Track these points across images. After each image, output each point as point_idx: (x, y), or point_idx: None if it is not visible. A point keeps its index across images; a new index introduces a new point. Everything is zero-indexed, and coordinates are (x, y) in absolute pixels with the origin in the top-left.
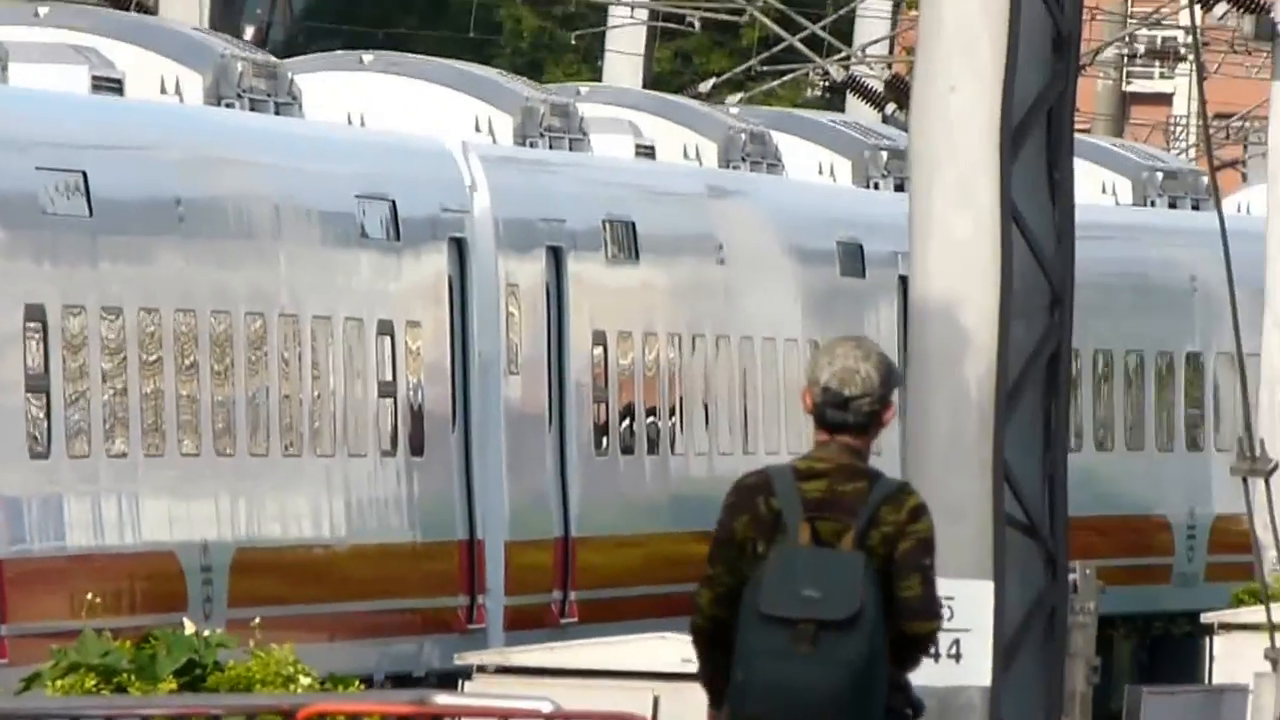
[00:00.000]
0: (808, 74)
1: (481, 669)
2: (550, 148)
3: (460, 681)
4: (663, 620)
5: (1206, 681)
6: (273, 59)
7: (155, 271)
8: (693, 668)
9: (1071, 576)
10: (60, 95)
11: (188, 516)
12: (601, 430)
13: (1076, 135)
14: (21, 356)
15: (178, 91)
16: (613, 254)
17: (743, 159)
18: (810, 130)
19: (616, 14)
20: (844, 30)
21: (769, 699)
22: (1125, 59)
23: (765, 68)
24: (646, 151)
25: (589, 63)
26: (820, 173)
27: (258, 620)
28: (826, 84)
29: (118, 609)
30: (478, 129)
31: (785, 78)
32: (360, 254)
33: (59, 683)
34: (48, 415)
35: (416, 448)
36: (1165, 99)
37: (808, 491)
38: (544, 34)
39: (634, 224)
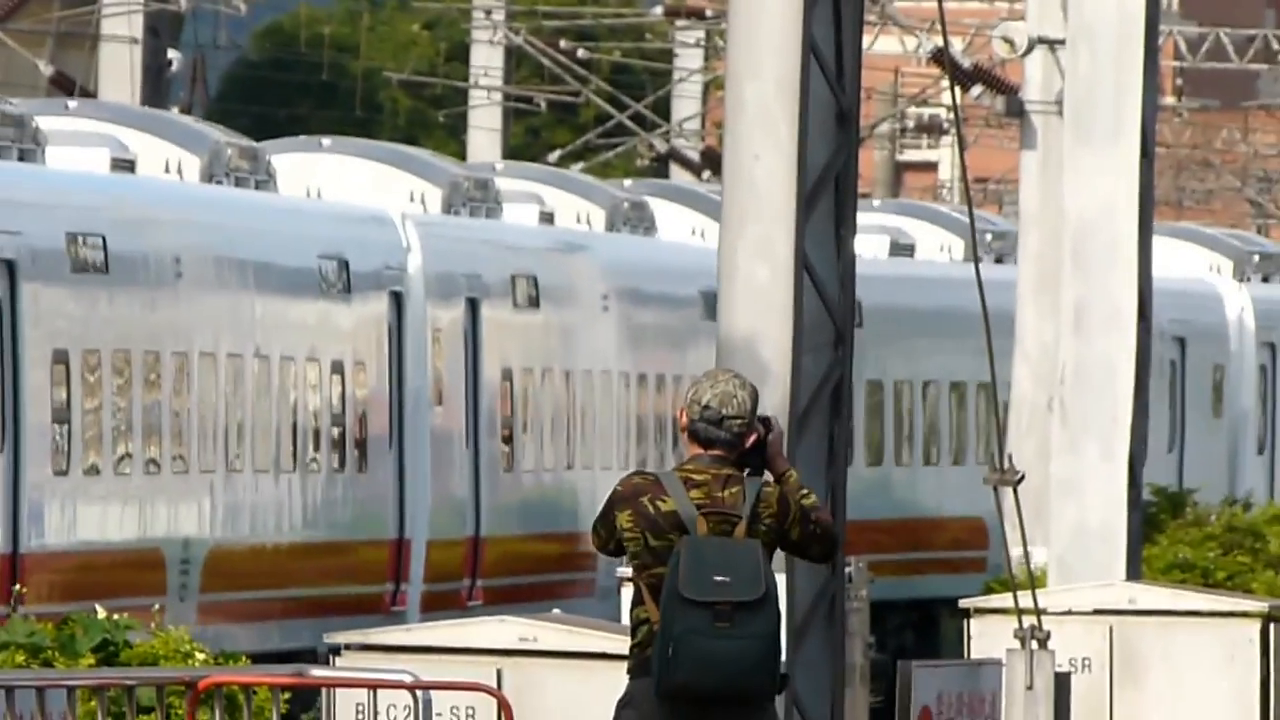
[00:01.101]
0: (635, 146)
1: (348, 646)
2: (471, 215)
3: (331, 657)
4: (555, 601)
5: (965, 657)
6: (254, 144)
7: (158, 318)
8: (531, 645)
9: (848, 570)
10: (85, 174)
11: (176, 517)
12: (507, 449)
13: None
14: (49, 391)
15: (179, 171)
16: (519, 303)
17: (624, 223)
18: (684, 197)
19: (476, 96)
20: (663, 109)
21: (697, 670)
22: (898, 132)
23: (601, 140)
24: (548, 217)
25: (455, 137)
26: (693, 233)
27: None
28: (653, 154)
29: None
30: (412, 199)
31: (618, 149)
32: (320, 304)
33: None
34: (67, 439)
35: (361, 464)
36: (933, 166)
37: (693, 498)
38: (417, 113)
39: (536, 277)
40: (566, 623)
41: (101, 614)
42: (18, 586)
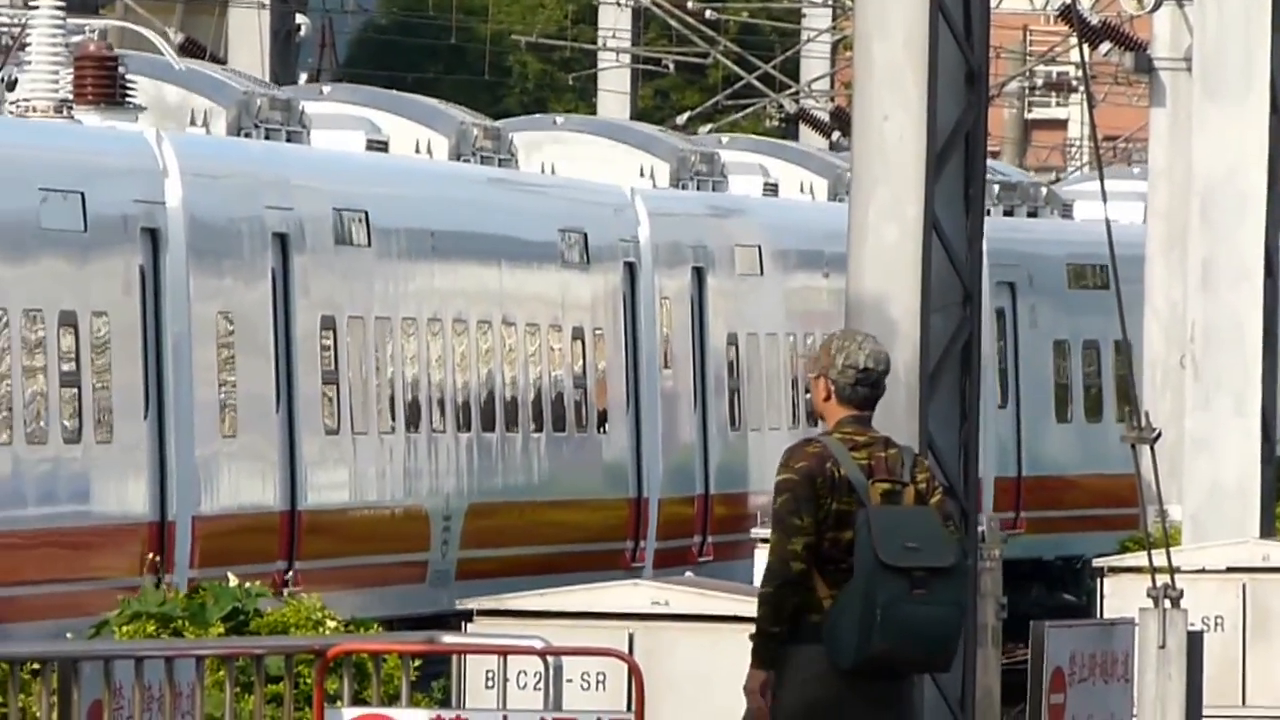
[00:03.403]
0: (765, 107)
1: (479, 612)
2: (698, 188)
3: (463, 624)
4: None
5: (1099, 616)
6: (497, 124)
7: (416, 288)
8: (663, 609)
9: (980, 528)
10: (348, 154)
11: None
12: (737, 411)
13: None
14: (318, 356)
15: (429, 150)
16: (743, 270)
17: (847, 193)
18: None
19: (605, 58)
20: (792, 69)
21: (901, 638)
22: (1027, 90)
23: (730, 102)
24: (772, 189)
25: (584, 100)
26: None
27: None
28: (781, 116)
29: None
30: (641, 174)
31: (746, 110)
32: (562, 274)
33: (124, 629)
34: (337, 401)
35: (601, 426)
36: (1062, 124)
37: (858, 460)
38: (546, 76)
39: (760, 247)
40: (699, 586)
41: (233, 582)
42: (287, 563)
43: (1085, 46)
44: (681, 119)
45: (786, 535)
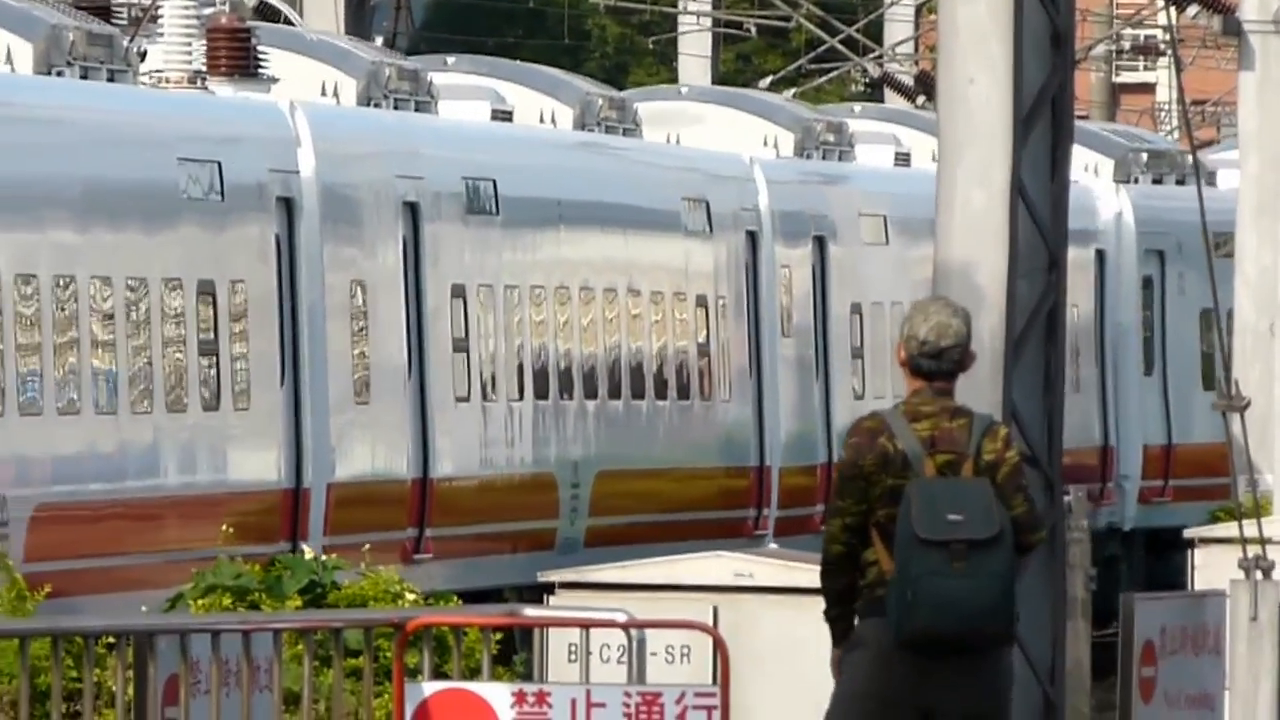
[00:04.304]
0: (848, 71)
1: (561, 585)
2: (824, 159)
3: (545, 596)
4: None
5: (1190, 588)
6: (621, 94)
7: (544, 257)
8: (746, 581)
9: (1066, 499)
10: (476, 124)
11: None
12: (859, 380)
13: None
14: (449, 324)
15: (553, 120)
16: (867, 240)
17: None
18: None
19: (685, 22)
20: (876, 33)
21: (936, 612)
22: (1114, 54)
23: (813, 66)
24: (904, 159)
25: (665, 64)
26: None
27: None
28: (866, 79)
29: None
30: (765, 144)
31: (830, 75)
32: (685, 243)
33: (199, 601)
34: (467, 369)
35: (724, 394)
36: (1149, 88)
37: (919, 431)
38: (625, 40)
39: (886, 216)
40: (783, 558)
41: (308, 554)
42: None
43: (1172, 9)
44: (764, 84)
45: (829, 517)
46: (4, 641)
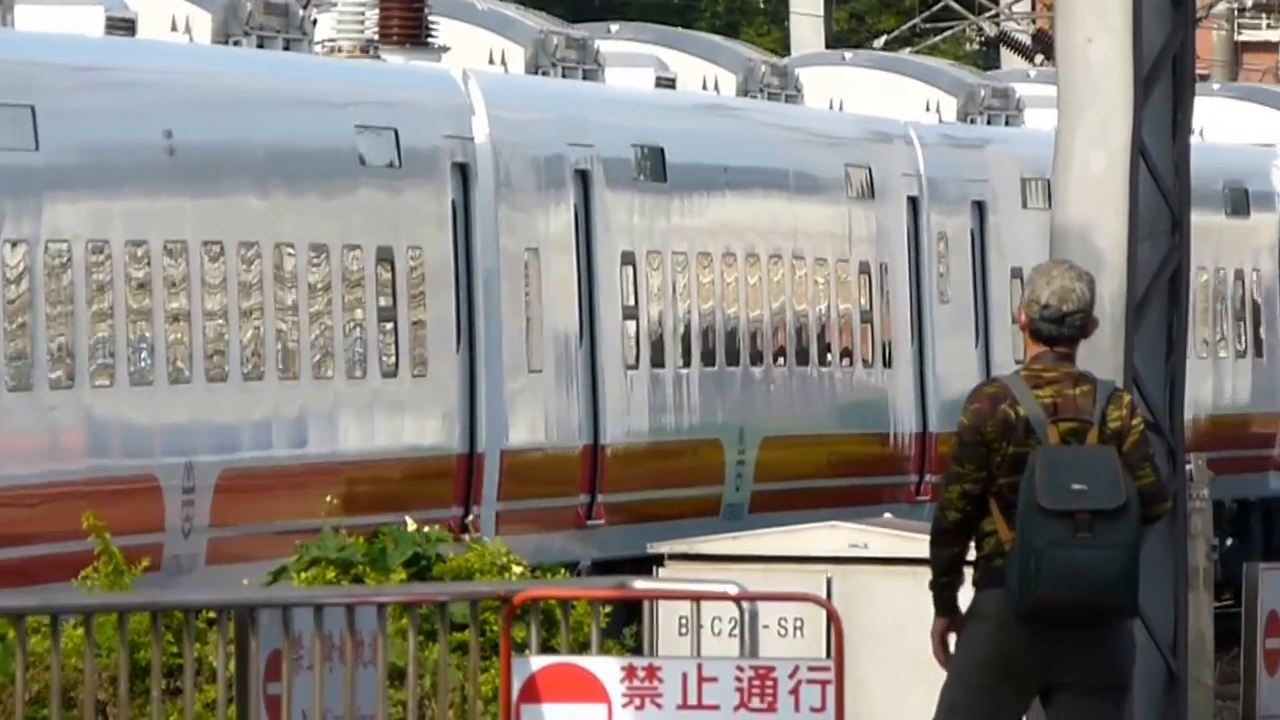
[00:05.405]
0: (964, 30)
1: (671, 556)
2: (989, 123)
3: (654, 568)
4: None
5: None
6: (782, 60)
7: (711, 223)
8: (861, 552)
9: (1188, 467)
10: (643, 91)
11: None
12: (1020, 347)
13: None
14: (619, 291)
15: (716, 87)
16: (1028, 205)
17: None
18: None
19: None
20: None
21: (1059, 583)
22: (1236, 11)
23: (928, 25)
24: None
25: (778, 24)
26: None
27: (472, 517)
28: (981, 39)
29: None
30: (928, 109)
31: (945, 34)
32: (848, 209)
33: (302, 575)
34: (636, 336)
35: (886, 360)
36: (1272, 47)
37: (1041, 398)
38: (735, 0)
39: (1049, 181)
40: (898, 527)
41: (412, 526)
42: None
43: None
44: (878, 43)
45: (946, 482)
46: (102, 616)
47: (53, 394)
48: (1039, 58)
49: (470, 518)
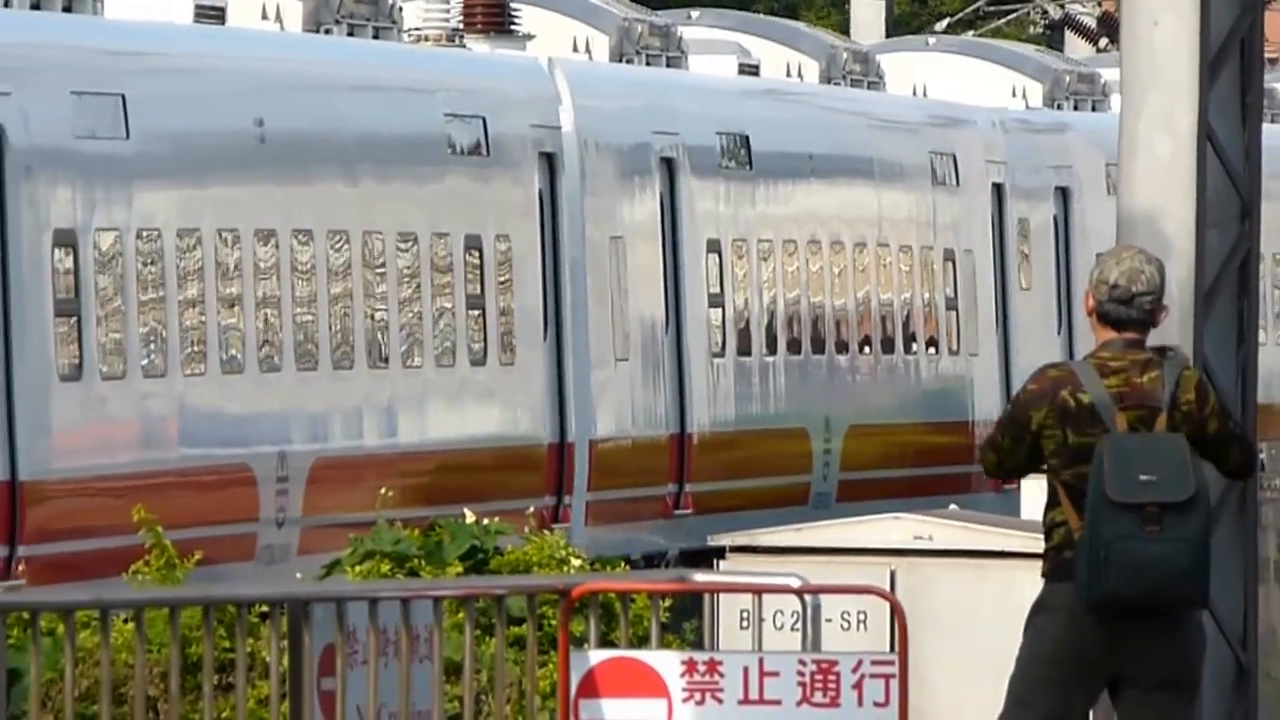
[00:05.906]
0: (1028, 13)
1: (732, 549)
2: (1075, 108)
3: (715, 560)
4: None
5: None
6: (864, 47)
7: (795, 210)
8: (925, 544)
9: (1260, 456)
10: (728, 79)
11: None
12: None
13: None
14: (704, 279)
15: (799, 74)
16: (1111, 192)
17: None
18: None
19: None
20: None
21: (1128, 577)
22: None
23: (992, 8)
24: None
25: (838, 7)
26: None
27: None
28: (1047, 21)
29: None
30: (1014, 95)
31: (1009, 17)
32: (933, 196)
33: (357, 569)
34: (721, 324)
35: (972, 348)
36: None
37: (1110, 386)
38: None
39: None
40: (962, 519)
41: (470, 518)
42: None
43: None
44: (940, 25)
45: (984, 448)
46: (154, 611)
47: (146, 382)
48: (1104, 41)
49: (561, 508)
